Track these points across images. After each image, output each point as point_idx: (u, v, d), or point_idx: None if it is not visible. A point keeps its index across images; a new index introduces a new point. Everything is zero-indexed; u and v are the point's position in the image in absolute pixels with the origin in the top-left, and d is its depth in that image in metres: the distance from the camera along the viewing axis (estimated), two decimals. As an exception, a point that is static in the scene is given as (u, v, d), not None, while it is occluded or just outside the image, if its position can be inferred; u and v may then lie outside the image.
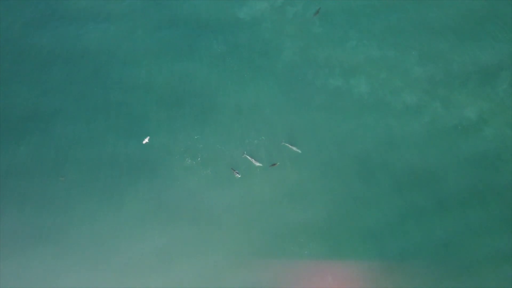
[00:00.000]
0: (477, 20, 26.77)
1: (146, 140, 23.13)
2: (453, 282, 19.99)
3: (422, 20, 27.26)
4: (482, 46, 25.86)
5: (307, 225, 21.27)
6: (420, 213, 21.40)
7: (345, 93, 24.79)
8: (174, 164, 23.00)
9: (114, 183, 22.56)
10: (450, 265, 20.32)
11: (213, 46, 26.91)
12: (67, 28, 27.79)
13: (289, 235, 21.17)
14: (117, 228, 21.57)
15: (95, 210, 21.89)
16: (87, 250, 21.00)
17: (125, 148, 23.47)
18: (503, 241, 20.62)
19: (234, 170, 22.70)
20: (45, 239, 21.33)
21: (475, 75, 24.98)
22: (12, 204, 22.13)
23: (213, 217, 21.70)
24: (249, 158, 23.05)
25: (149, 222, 21.67)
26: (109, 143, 23.69)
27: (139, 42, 27.21)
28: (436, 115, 23.84)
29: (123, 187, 22.42)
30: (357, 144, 23.26)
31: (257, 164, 22.89)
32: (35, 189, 22.52)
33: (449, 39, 26.38)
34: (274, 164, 22.81)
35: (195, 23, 27.86)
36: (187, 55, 26.57)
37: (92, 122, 24.36)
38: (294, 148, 23.16)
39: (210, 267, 20.65)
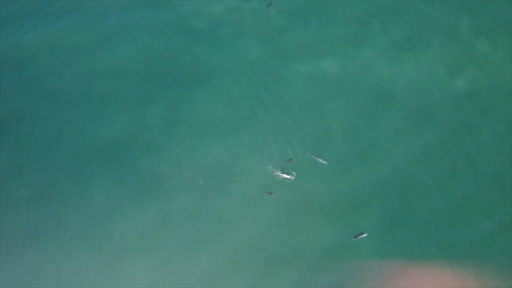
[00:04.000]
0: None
1: None
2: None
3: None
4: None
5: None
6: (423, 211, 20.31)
7: (318, 77, 24.70)
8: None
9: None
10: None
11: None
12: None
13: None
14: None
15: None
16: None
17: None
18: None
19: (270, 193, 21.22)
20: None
21: (438, 31, 25.74)
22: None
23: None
24: (281, 174, 21.59)
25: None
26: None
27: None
28: (409, 78, 24.08)
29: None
30: (333, 128, 22.75)
31: (290, 177, 21.48)
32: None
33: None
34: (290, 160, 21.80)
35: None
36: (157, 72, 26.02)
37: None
38: (320, 160, 21.93)
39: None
